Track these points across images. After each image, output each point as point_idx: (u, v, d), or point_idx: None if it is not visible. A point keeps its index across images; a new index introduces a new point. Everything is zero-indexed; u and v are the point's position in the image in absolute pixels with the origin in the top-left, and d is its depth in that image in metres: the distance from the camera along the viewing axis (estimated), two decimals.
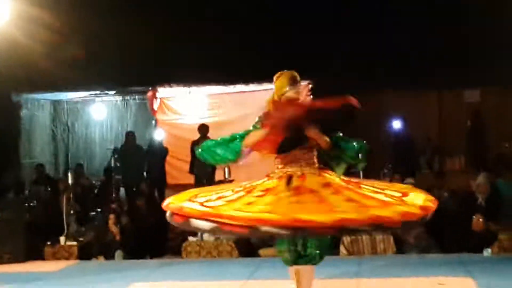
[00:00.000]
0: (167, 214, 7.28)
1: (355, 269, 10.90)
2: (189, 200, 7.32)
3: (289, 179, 7.42)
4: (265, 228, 7.05)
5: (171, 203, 7.24)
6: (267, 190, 7.35)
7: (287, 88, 7.59)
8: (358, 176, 14.02)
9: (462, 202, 13.47)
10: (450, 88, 19.33)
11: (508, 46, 15.63)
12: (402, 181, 14.33)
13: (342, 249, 12.33)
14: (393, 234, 12.16)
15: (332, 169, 7.67)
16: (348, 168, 8.21)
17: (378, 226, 6.94)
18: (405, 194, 7.31)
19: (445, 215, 13.06)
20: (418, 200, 7.12)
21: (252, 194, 7.27)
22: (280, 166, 7.63)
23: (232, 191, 7.50)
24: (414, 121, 19.17)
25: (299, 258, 7.82)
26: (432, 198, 7.39)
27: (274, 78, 7.84)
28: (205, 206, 7.22)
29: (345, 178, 7.59)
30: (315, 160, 7.69)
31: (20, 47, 15.04)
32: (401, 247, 12.35)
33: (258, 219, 6.98)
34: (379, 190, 7.42)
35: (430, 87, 18.87)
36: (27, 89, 18.35)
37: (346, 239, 12.27)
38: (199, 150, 7.74)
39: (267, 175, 7.65)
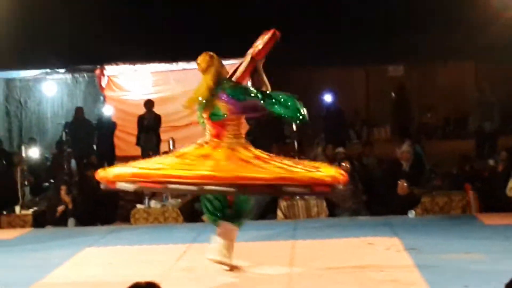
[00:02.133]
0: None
1: (291, 231, 10.94)
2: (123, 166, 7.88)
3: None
4: (209, 187, 7.32)
5: (101, 171, 7.86)
6: (204, 156, 7.57)
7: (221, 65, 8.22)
8: (294, 147, 14.18)
9: (388, 168, 13.64)
10: (376, 64, 19.51)
11: (429, 25, 15.79)
12: (334, 150, 14.47)
13: (279, 213, 12.35)
14: (326, 199, 12.25)
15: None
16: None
17: (310, 186, 7.43)
18: (319, 167, 7.92)
19: (372, 180, 13.27)
20: (331, 171, 7.78)
21: (186, 159, 7.52)
22: (209, 136, 7.94)
23: (165, 158, 7.87)
24: (343, 95, 19.29)
25: (221, 218, 8.15)
26: (341, 171, 8.05)
27: (203, 62, 8.10)
28: (144, 168, 7.52)
29: (267, 153, 8.05)
30: (242, 132, 8.00)
31: None
32: (333, 211, 12.43)
33: (205, 176, 7.20)
34: (297, 163, 8.02)
35: (357, 63, 19.04)
36: None
37: (283, 203, 12.30)
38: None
39: (198, 143, 7.91)
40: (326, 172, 7.74)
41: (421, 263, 8.43)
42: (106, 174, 7.91)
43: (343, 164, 12.53)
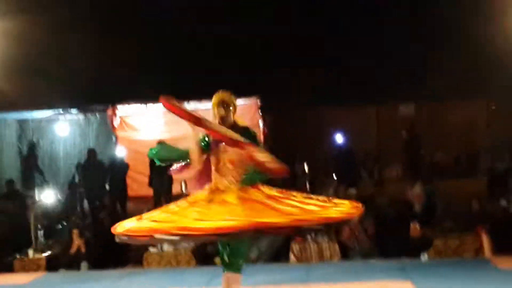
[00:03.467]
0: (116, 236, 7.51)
1: (304, 275, 10.91)
2: (137, 219, 7.57)
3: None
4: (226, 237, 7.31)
5: (118, 227, 7.46)
6: (218, 202, 7.55)
7: (216, 109, 7.76)
8: (306, 186, 14.19)
9: (400, 210, 13.59)
10: (386, 102, 19.53)
11: (438, 65, 15.82)
12: (345, 190, 14.48)
13: (291, 256, 12.33)
14: (338, 241, 12.24)
15: None
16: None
17: (327, 224, 7.30)
18: (332, 201, 7.64)
19: (384, 222, 13.24)
20: (346, 207, 7.45)
21: (200, 208, 7.42)
22: (220, 179, 7.76)
23: (179, 205, 7.73)
24: (354, 134, 19.31)
25: (226, 265, 7.93)
26: (356, 204, 7.70)
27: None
28: (160, 221, 7.44)
29: (278, 189, 7.77)
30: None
31: None
32: (346, 253, 12.41)
33: (223, 228, 7.15)
34: (309, 199, 7.68)
35: (368, 101, 19.07)
36: None
37: (295, 246, 12.30)
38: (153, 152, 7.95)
39: (210, 188, 7.78)
40: (340, 208, 7.69)
41: None
42: (122, 229, 7.84)
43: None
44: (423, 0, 17.22)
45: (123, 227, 7.62)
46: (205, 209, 7.58)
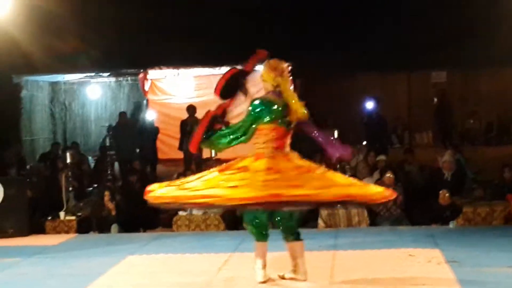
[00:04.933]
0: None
1: (332, 241, 10.89)
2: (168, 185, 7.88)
3: None
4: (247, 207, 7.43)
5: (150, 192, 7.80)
6: (243, 169, 7.62)
7: (273, 76, 7.83)
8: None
9: (430, 178, 13.59)
10: (418, 70, 19.39)
11: (471, 32, 15.65)
12: (375, 157, 14.45)
13: (320, 221, 12.38)
14: (367, 207, 12.21)
15: None
16: None
17: (346, 201, 7.76)
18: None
19: (414, 189, 13.23)
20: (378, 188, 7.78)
21: (225, 175, 7.58)
22: (258, 146, 7.85)
23: (208, 172, 7.90)
24: (385, 101, 19.25)
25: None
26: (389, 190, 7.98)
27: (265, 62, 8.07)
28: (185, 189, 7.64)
29: (311, 162, 7.97)
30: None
31: (20, 33, 14.93)
32: (374, 220, 12.41)
33: (243, 198, 7.24)
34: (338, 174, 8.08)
35: (399, 69, 18.94)
36: (26, 72, 18.29)
37: (324, 212, 12.32)
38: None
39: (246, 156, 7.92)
40: (370, 189, 7.78)
41: (462, 278, 8.34)
42: (154, 195, 7.92)
43: (388, 175, 12.53)
44: None
45: (155, 194, 7.77)
46: (229, 177, 7.64)
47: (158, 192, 7.79)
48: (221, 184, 7.47)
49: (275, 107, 7.74)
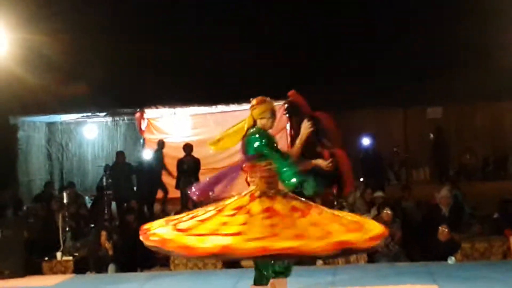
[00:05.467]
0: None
1: (331, 278, 10.88)
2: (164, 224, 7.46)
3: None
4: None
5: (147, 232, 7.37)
6: (238, 208, 7.38)
7: (268, 115, 7.71)
8: (333, 192, 14.11)
9: (428, 213, 13.55)
10: (414, 106, 19.45)
11: (466, 68, 15.73)
12: (372, 194, 14.42)
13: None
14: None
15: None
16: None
17: (343, 250, 6.95)
18: (361, 222, 7.48)
19: (412, 225, 13.18)
20: (373, 231, 7.20)
21: (223, 216, 7.25)
22: (252, 184, 7.65)
23: (204, 210, 7.51)
24: (382, 137, 19.29)
25: (277, 273, 7.90)
26: (383, 227, 7.47)
27: (256, 101, 7.90)
28: (178, 229, 7.29)
29: (307, 202, 7.62)
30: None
31: (16, 74, 14.99)
32: (372, 257, 12.34)
33: (227, 247, 6.95)
34: (335, 219, 7.43)
35: (395, 105, 19.00)
36: (23, 113, 18.33)
37: None
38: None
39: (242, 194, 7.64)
40: (367, 231, 7.46)
41: None
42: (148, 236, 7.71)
43: (385, 211, 12.50)
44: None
45: (152, 235, 7.47)
46: (226, 219, 7.44)
47: (153, 231, 7.63)
48: (220, 229, 7.26)
49: (274, 143, 7.70)
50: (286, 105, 17.19)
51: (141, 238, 7.42)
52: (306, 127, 7.64)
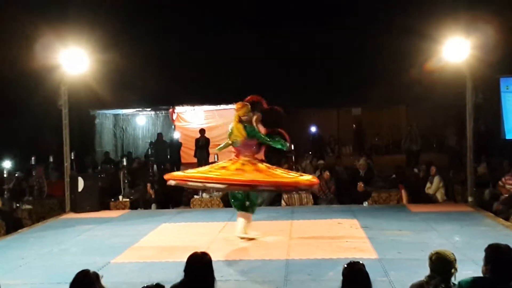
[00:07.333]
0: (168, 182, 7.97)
1: (290, 214, 10.92)
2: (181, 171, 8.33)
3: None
4: (233, 187, 7.69)
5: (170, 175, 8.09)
6: (222, 167, 7.85)
7: (249, 114, 8.00)
8: (292, 159, 14.10)
9: (351, 174, 13.60)
10: (343, 107, 19.44)
11: (376, 84, 15.57)
12: (317, 162, 14.44)
13: (282, 202, 12.32)
14: (312, 193, 12.15)
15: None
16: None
17: (279, 187, 7.75)
18: (301, 175, 8.29)
19: (341, 181, 13.24)
20: (308, 177, 8.06)
21: (222, 170, 7.81)
22: (234, 155, 8.29)
23: (209, 167, 8.18)
24: (323, 126, 19.32)
25: (243, 208, 8.35)
26: (315, 177, 8.39)
27: (239, 105, 8.17)
28: (193, 173, 7.94)
29: (268, 165, 8.13)
30: (253, 152, 8.15)
31: (94, 83, 14.80)
32: (316, 201, 12.41)
33: (231, 180, 7.48)
34: (289, 172, 8.31)
35: (332, 106, 19.01)
36: (98, 107, 18.22)
37: (284, 195, 12.21)
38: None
39: (228, 160, 8.29)
40: (305, 177, 8.04)
41: (371, 236, 8.45)
42: (169, 176, 8.03)
43: (325, 173, 12.52)
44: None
45: (172, 174, 7.88)
46: (225, 170, 7.72)
47: (174, 174, 8.00)
48: (212, 171, 7.73)
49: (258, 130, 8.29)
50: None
51: (165, 177, 7.71)
52: (258, 117, 8.28)
